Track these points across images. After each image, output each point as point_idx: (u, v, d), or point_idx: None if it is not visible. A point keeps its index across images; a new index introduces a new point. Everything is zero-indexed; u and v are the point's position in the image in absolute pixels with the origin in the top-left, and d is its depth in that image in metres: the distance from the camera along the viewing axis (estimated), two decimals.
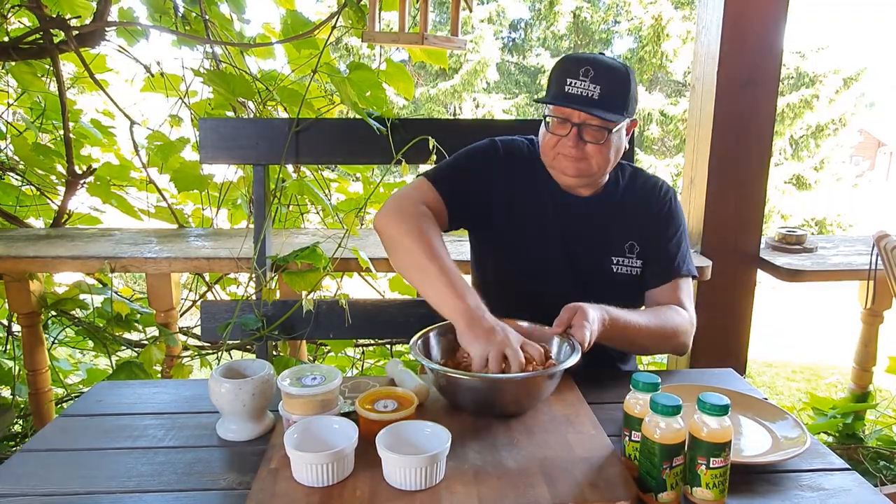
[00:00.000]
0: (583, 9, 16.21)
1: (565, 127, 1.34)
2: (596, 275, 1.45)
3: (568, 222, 1.46)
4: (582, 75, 1.31)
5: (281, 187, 2.12)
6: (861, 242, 2.44)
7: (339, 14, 2.02)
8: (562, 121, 1.35)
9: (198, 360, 2.28)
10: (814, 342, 6.22)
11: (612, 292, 1.37)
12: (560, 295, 1.31)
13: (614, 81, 1.32)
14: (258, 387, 1.11)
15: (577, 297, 1.28)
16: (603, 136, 1.34)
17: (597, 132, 1.34)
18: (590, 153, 1.35)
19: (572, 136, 1.34)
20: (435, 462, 0.93)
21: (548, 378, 1.13)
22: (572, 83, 1.31)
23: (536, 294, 1.43)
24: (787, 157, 13.91)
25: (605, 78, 1.31)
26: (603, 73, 1.31)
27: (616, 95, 1.32)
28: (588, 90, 1.30)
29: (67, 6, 2.44)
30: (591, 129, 1.33)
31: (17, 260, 1.98)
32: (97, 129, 2.70)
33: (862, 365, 2.42)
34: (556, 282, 1.46)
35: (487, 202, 1.46)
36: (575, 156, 1.35)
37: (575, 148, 1.34)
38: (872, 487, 1.00)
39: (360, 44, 11.06)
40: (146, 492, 0.97)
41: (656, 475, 0.91)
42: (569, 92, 1.31)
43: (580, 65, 1.32)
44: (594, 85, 1.30)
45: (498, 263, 1.53)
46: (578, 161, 1.36)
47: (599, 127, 1.33)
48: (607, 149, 1.36)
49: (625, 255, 1.45)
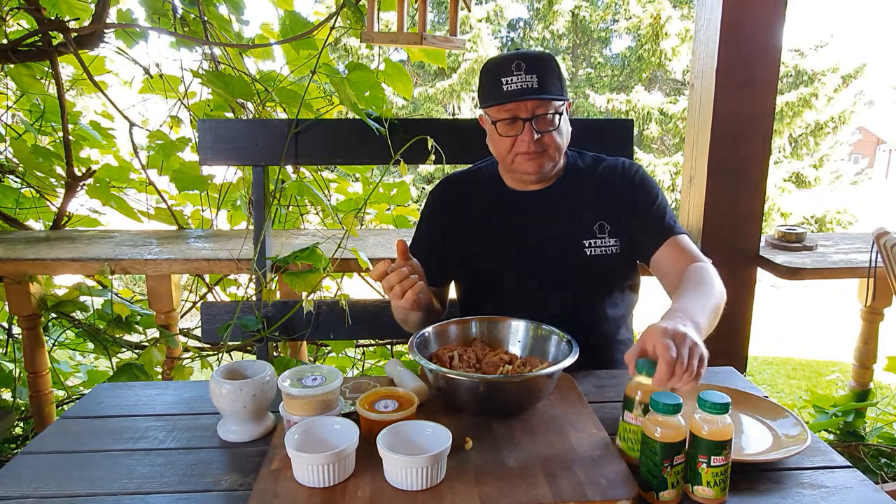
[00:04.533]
0: (581, 7, 16.21)
1: (517, 126, 1.36)
2: (572, 260, 1.45)
3: (528, 219, 1.47)
4: (515, 70, 1.33)
5: (280, 188, 2.12)
6: (861, 240, 2.44)
7: (338, 14, 2.02)
8: (510, 121, 1.36)
9: (198, 361, 2.27)
10: (814, 340, 6.22)
11: (591, 274, 1.42)
12: (544, 291, 1.36)
13: (545, 67, 1.35)
14: (259, 388, 1.11)
15: (561, 285, 1.39)
16: (554, 122, 1.37)
17: (547, 120, 1.36)
18: (546, 144, 1.37)
19: (527, 132, 1.35)
20: (436, 462, 0.93)
21: (547, 378, 1.13)
22: (509, 80, 1.33)
23: (524, 295, 1.46)
24: (786, 155, 13.90)
25: (536, 66, 1.34)
26: (532, 62, 1.34)
27: (551, 80, 1.35)
28: (526, 81, 1.32)
29: (66, 8, 2.44)
30: (542, 118, 1.36)
31: (17, 262, 1.98)
32: (96, 131, 2.70)
33: (862, 362, 2.42)
34: (536, 279, 1.46)
35: (452, 247, 1.52)
36: (534, 150, 1.37)
37: (533, 143, 1.36)
38: (873, 485, 1.00)
39: (359, 44, 11.07)
40: (147, 493, 0.97)
41: (657, 473, 0.91)
42: (508, 89, 1.33)
43: (510, 61, 1.34)
44: (529, 75, 1.32)
45: (477, 289, 1.57)
46: (539, 156, 1.38)
47: (547, 114, 1.35)
48: (559, 134, 1.39)
49: (595, 236, 1.45)
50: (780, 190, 12.65)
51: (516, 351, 1.30)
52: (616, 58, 17.08)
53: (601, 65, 17.07)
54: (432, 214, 1.58)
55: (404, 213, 2.71)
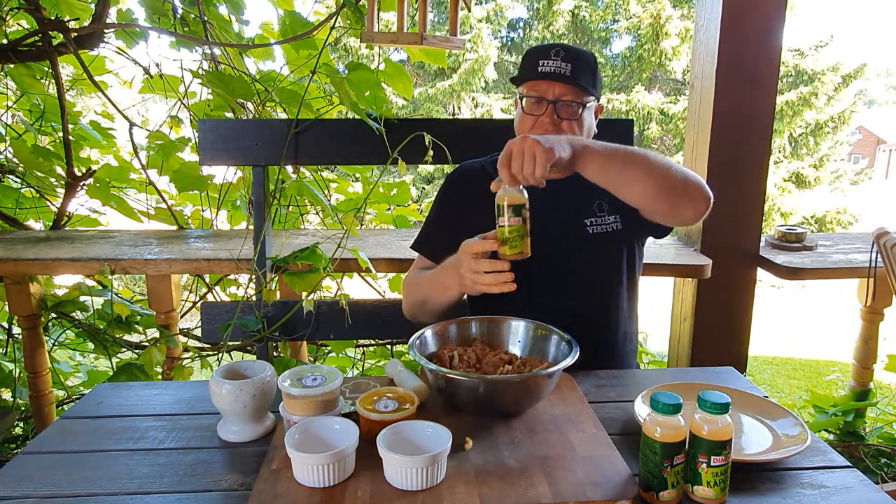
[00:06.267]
0: (581, 7, 16.21)
1: (541, 106, 1.41)
2: (574, 241, 1.48)
3: (536, 203, 1.48)
4: (553, 55, 1.39)
5: (280, 188, 2.12)
6: (861, 240, 2.44)
7: (338, 14, 2.02)
8: (537, 100, 1.42)
9: (198, 361, 2.27)
10: (814, 340, 6.22)
11: (594, 252, 1.46)
12: (549, 271, 1.38)
13: (583, 61, 1.41)
14: (259, 388, 1.11)
15: (565, 264, 1.44)
16: (577, 112, 1.41)
17: (571, 108, 1.41)
18: (564, 131, 1.41)
19: (549, 114, 1.40)
20: (436, 462, 0.93)
21: (547, 378, 1.13)
22: (544, 63, 1.39)
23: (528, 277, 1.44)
24: (786, 154, 13.91)
25: (574, 58, 1.39)
26: (572, 54, 1.40)
27: (585, 73, 1.40)
28: (560, 67, 1.38)
29: (66, 8, 2.44)
30: (566, 105, 1.40)
31: (17, 262, 1.98)
32: (96, 131, 2.70)
33: (862, 362, 2.42)
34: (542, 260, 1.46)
35: (466, 227, 1.50)
36: (552, 133, 1.40)
37: (552, 125, 1.40)
38: (873, 485, 1.00)
39: (359, 44, 11.07)
40: (147, 493, 0.97)
41: (657, 473, 0.91)
42: (542, 70, 1.39)
43: (551, 47, 1.41)
44: (565, 63, 1.38)
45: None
46: None
47: (573, 102, 1.40)
48: (580, 126, 1.42)
49: (595, 214, 1.49)
50: (780, 190, 12.66)
51: (516, 351, 1.30)
52: (616, 58, 17.08)
53: (601, 65, 16.99)
54: (445, 199, 1.62)
55: (404, 213, 2.71)
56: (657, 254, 2.14)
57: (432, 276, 1.45)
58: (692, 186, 1.33)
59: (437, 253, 1.51)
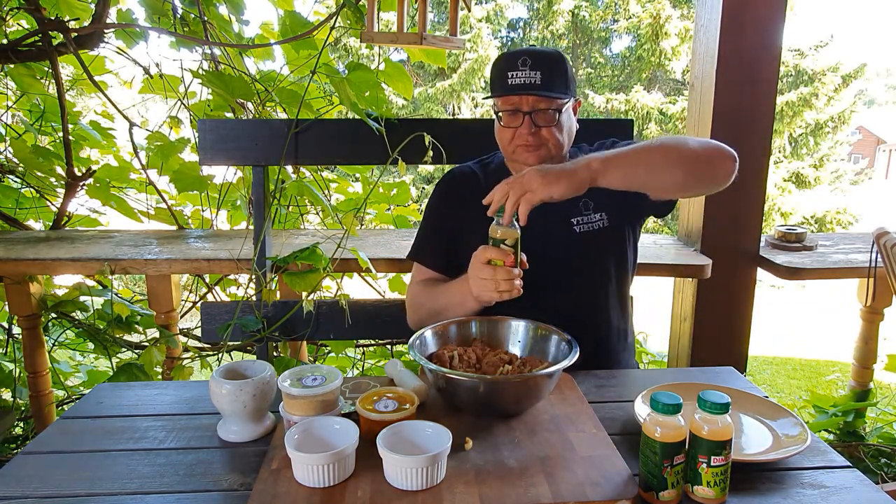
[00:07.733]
0: (581, 7, 16.20)
1: (517, 118, 1.42)
2: (563, 240, 1.49)
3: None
4: (521, 65, 1.39)
5: (280, 188, 2.12)
6: (861, 240, 2.44)
7: (338, 14, 2.02)
8: (512, 112, 1.42)
9: (198, 361, 2.27)
10: (814, 340, 6.23)
11: (582, 250, 1.47)
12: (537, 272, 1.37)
13: (551, 65, 1.40)
14: (259, 388, 1.11)
15: (553, 266, 1.42)
16: (554, 118, 1.41)
17: (547, 115, 1.41)
18: (545, 138, 1.42)
19: (526, 125, 1.41)
20: (436, 462, 0.93)
21: (547, 378, 1.13)
22: (513, 75, 1.39)
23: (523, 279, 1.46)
24: (786, 155, 13.91)
25: (542, 64, 1.39)
26: (539, 60, 1.39)
27: (556, 77, 1.40)
28: (530, 77, 1.38)
29: (66, 8, 2.44)
30: (542, 113, 1.41)
31: (17, 262, 1.98)
32: (96, 131, 2.70)
33: (862, 362, 2.42)
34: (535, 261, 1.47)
35: (462, 233, 1.52)
36: (532, 143, 1.42)
37: (531, 135, 1.41)
38: (874, 485, 1.00)
39: (359, 44, 11.07)
40: (147, 493, 0.97)
41: (657, 473, 0.91)
42: (512, 83, 1.39)
43: (517, 57, 1.40)
44: (533, 72, 1.38)
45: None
46: (537, 149, 1.43)
47: (548, 109, 1.41)
48: (560, 129, 1.43)
49: (581, 213, 1.50)
50: (780, 190, 12.66)
51: (516, 351, 1.30)
52: (616, 58, 17.08)
53: (601, 65, 17.06)
54: (439, 207, 1.62)
55: (404, 213, 2.71)
56: (657, 254, 2.14)
57: (448, 288, 1.44)
58: (714, 152, 1.33)
59: (436, 260, 1.51)
